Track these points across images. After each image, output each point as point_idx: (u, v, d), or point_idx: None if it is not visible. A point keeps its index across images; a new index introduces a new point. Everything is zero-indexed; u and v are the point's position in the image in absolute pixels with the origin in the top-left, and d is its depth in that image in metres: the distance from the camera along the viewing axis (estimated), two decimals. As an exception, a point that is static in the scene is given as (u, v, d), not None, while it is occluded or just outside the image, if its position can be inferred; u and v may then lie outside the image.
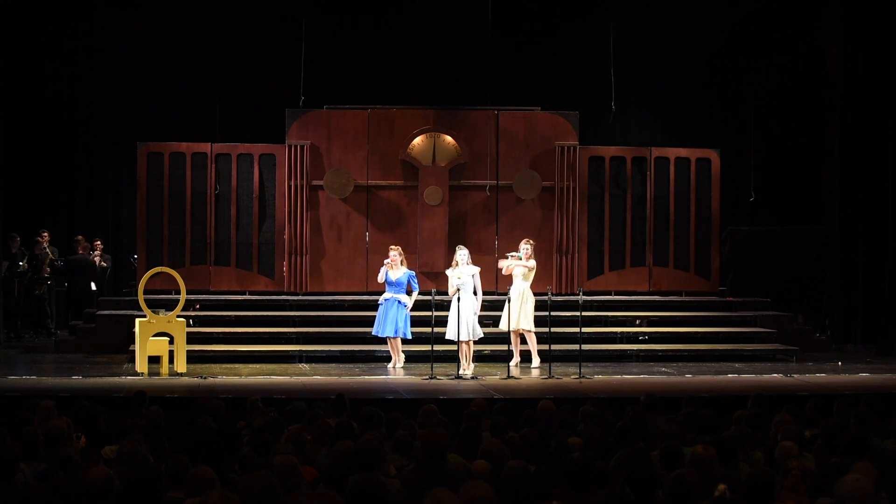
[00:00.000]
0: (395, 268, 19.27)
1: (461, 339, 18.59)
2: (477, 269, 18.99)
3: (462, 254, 18.88)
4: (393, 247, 19.58)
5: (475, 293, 18.88)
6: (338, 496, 6.59)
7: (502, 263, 19.52)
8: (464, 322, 18.59)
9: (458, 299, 18.55)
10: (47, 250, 23.39)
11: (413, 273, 19.59)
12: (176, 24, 24.35)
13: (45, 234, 23.46)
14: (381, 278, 19.34)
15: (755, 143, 25.14)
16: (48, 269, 23.36)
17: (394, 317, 19.15)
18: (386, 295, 19.27)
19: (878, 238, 23.22)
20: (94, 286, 23.13)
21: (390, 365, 19.35)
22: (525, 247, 19.35)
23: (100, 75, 24.83)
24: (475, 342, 18.96)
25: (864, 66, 23.33)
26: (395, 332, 19.20)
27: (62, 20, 24.61)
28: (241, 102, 24.88)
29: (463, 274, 18.71)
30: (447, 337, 18.68)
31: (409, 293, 19.36)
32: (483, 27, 23.84)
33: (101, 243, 23.77)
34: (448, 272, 18.98)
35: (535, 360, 19.36)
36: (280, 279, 22.38)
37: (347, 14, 25.13)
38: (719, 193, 23.36)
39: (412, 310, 19.38)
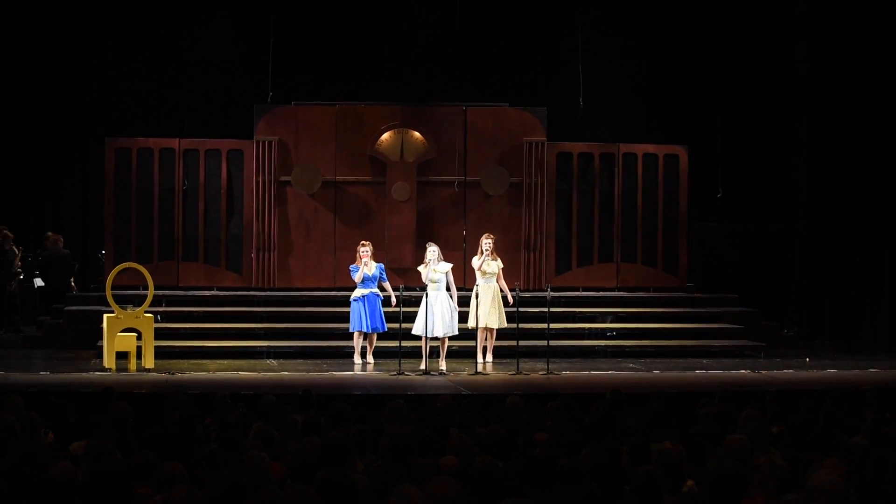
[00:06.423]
0: (368, 264, 19.20)
1: (438, 335, 18.59)
2: (450, 266, 18.96)
3: (432, 250, 18.83)
4: (364, 242, 19.45)
5: (448, 289, 18.87)
6: (307, 491, 6.58)
7: (476, 262, 19.39)
8: (440, 318, 18.57)
9: (427, 295, 18.54)
10: (14, 248, 23.14)
11: (382, 265, 19.53)
12: (143, 19, 24.20)
13: (5, 230, 23.14)
14: (359, 277, 19.19)
15: (723, 139, 25.13)
16: (20, 264, 23.15)
17: (380, 311, 19.10)
18: (363, 291, 19.13)
19: (845, 234, 23.30)
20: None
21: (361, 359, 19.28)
22: (488, 241, 19.29)
23: (67, 70, 24.66)
24: (449, 338, 18.97)
25: (832, 63, 23.40)
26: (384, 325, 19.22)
27: (28, 13, 24.43)
28: (209, 98, 24.71)
29: (438, 270, 18.68)
30: (416, 332, 18.66)
31: (381, 287, 19.26)
32: (451, 23, 23.80)
33: (63, 239, 23.52)
34: (421, 269, 18.90)
35: (490, 357, 19.41)
36: (248, 275, 22.32)
37: (315, 9, 25.03)
38: (687, 190, 23.42)
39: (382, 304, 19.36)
